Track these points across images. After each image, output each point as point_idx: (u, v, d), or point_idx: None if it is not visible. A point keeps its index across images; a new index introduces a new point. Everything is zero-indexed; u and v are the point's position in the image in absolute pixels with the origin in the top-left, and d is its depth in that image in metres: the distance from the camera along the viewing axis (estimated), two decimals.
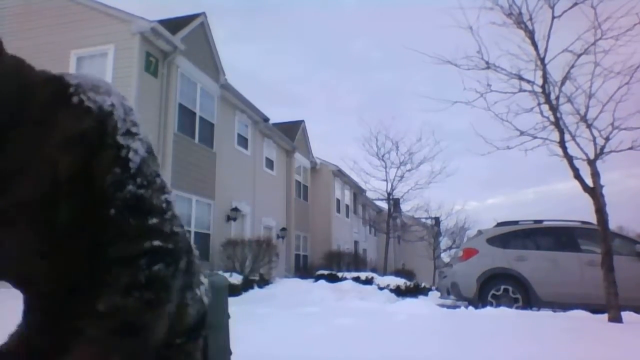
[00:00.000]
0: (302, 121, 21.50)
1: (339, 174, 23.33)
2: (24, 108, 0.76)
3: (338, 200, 23.72)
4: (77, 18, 10.74)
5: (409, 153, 19.42)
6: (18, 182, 0.75)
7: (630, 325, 5.61)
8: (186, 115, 11.67)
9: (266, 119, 16.49)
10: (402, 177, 19.78)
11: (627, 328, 5.43)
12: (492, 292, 7.96)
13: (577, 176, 6.18)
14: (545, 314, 6.90)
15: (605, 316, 5.86)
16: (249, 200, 15.34)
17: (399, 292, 12.33)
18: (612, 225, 6.32)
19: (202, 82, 12.40)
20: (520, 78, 6.54)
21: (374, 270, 19.47)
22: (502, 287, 7.94)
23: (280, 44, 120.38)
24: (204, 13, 12.79)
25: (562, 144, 6.27)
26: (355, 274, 13.82)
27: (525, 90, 6.57)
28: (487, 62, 6.61)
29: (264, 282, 11.55)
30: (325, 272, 14.40)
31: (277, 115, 17.69)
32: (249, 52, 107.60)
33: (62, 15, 10.90)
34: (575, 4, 6.20)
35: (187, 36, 11.74)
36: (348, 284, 11.83)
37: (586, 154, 6.21)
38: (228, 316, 2.27)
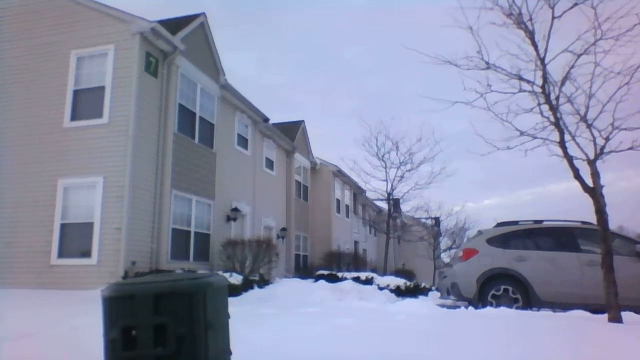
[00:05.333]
0: (302, 121, 21.50)
1: (339, 174, 23.34)
2: None
3: (338, 200, 23.72)
4: (77, 18, 10.75)
5: (409, 153, 19.42)
6: None
7: (630, 325, 5.61)
8: (186, 115, 11.67)
9: (266, 119, 16.50)
10: (402, 177, 19.78)
11: (627, 328, 5.43)
12: (492, 292, 7.96)
13: (578, 176, 6.17)
14: (545, 314, 6.89)
15: (605, 316, 5.86)
16: (249, 200, 15.34)
17: (399, 292, 12.32)
18: (612, 225, 6.32)
19: (202, 82, 12.41)
20: (520, 78, 6.53)
21: (374, 270, 19.45)
22: (502, 287, 7.94)
23: (273, 52, 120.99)
24: (203, 13, 12.79)
25: (562, 144, 6.26)
26: (355, 274, 13.80)
27: (525, 91, 6.57)
28: (487, 63, 6.60)
29: (264, 282, 11.54)
30: (325, 272, 14.38)
31: (273, 119, 17.65)
32: (242, 60, 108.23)
33: (62, 15, 10.90)
34: (576, 4, 6.19)
35: (187, 36, 11.74)
36: (348, 284, 11.81)
37: (586, 154, 6.20)
38: (228, 316, 2.27)
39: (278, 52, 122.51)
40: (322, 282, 12.34)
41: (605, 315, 5.86)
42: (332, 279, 13.21)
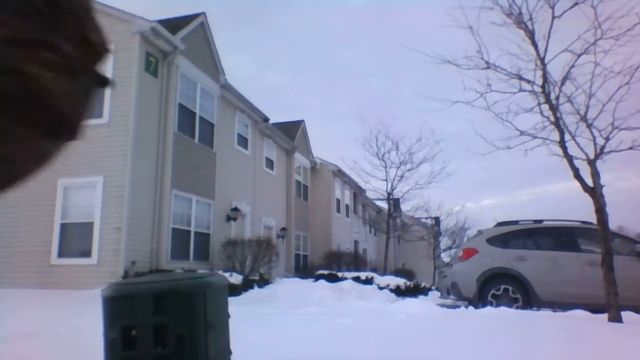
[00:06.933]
0: (302, 121, 21.50)
1: (339, 173, 23.34)
2: None
3: (338, 200, 23.72)
4: None
5: (409, 153, 19.43)
6: None
7: (630, 325, 5.61)
8: (186, 115, 11.67)
9: (266, 119, 16.50)
10: (402, 177, 19.80)
11: (627, 328, 5.43)
12: (492, 291, 7.96)
13: (578, 176, 6.17)
14: (545, 314, 6.90)
15: (605, 316, 5.86)
16: (249, 200, 15.34)
17: (398, 291, 12.33)
18: (612, 225, 6.32)
19: (202, 82, 12.40)
20: (520, 78, 6.54)
21: (374, 270, 19.46)
22: (502, 286, 7.95)
23: (273, 54, 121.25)
24: (203, 13, 12.78)
25: (562, 143, 6.27)
26: (355, 274, 13.81)
27: (525, 90, 6.58)
28: (487, 62, 6.61)
29: (264, 282, 11.55)
30: (325, 272, 14.39)
31: (273, 120, 17.66)
32: (242, 62, 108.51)
33: None
34: (576, 4, 6.20)
35: (187, 36, 11.74)
36: (348, 284, 11.82)
37: (586, 154, 6.21)
38: (228, 316, 2.27)
39: (277, 53, 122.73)
40: (322, 281, 12.34)
41: (605, 315, 5.86)
42: (332, 278, 13.21)
